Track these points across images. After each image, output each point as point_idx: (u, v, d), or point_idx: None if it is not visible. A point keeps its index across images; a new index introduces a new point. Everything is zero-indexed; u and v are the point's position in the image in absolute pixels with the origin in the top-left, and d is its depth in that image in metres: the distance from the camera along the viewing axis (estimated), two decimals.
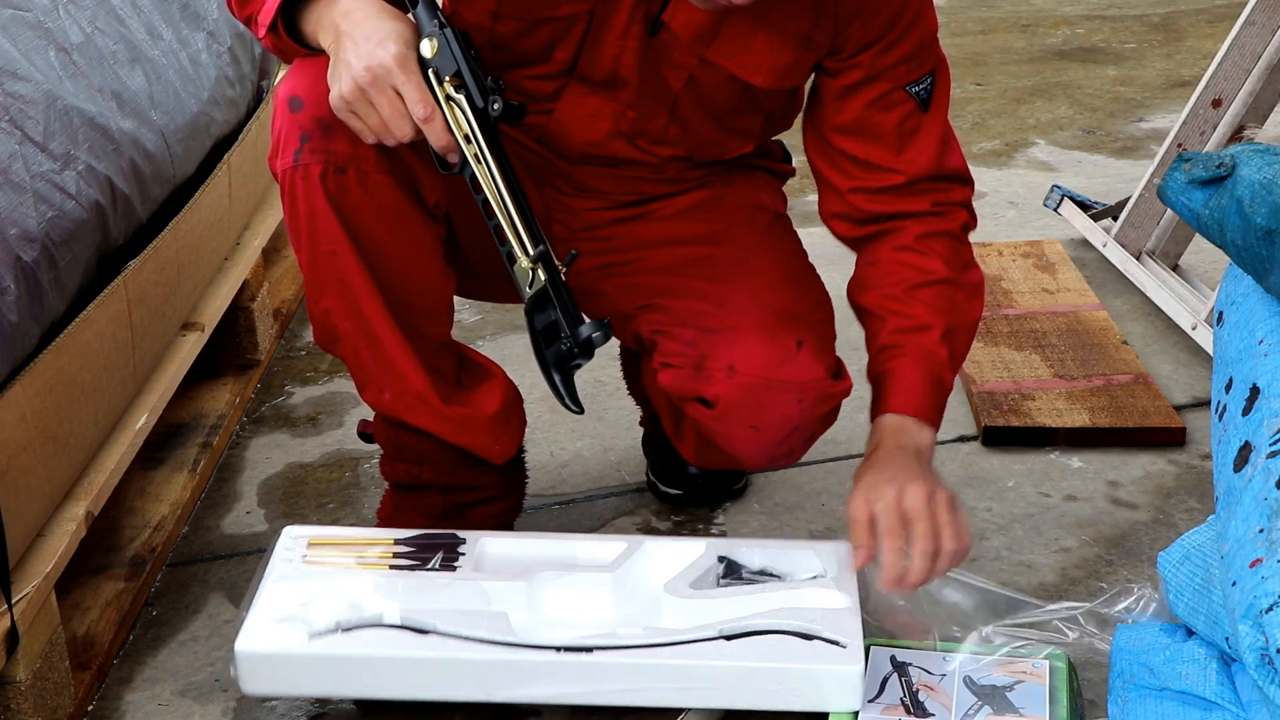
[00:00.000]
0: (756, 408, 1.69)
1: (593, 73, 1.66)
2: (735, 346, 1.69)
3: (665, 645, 1.54)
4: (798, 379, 1.69)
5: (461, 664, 1.52)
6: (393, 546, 1.69)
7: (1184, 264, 2.79)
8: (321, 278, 1.64)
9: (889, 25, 1.62)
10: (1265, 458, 1.34)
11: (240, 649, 1.52)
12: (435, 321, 1.73)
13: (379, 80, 1.47)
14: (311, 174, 1.58)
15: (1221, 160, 1.58)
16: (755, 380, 1.68)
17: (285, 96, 1.59)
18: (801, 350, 1.69)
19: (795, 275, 1.78)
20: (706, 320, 1.72)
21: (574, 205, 1.81)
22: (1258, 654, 1.21)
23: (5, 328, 1.55)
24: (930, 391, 1.67)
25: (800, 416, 1.70)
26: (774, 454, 1.75)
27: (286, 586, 1.60)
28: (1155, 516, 1.98)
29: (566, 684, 1.53)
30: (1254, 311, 1.54)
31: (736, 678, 1.52)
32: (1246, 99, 2.62)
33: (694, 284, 1.76)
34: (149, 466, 2.09)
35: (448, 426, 1.75)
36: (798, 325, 1.71)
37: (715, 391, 1.70)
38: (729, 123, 1.73)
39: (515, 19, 1.62)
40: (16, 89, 1.71)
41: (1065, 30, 4.84)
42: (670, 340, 1.75)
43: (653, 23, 1.61)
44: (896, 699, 1.53)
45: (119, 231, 1.89)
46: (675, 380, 1.74)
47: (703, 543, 1.71)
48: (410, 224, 1.64)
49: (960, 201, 1.73)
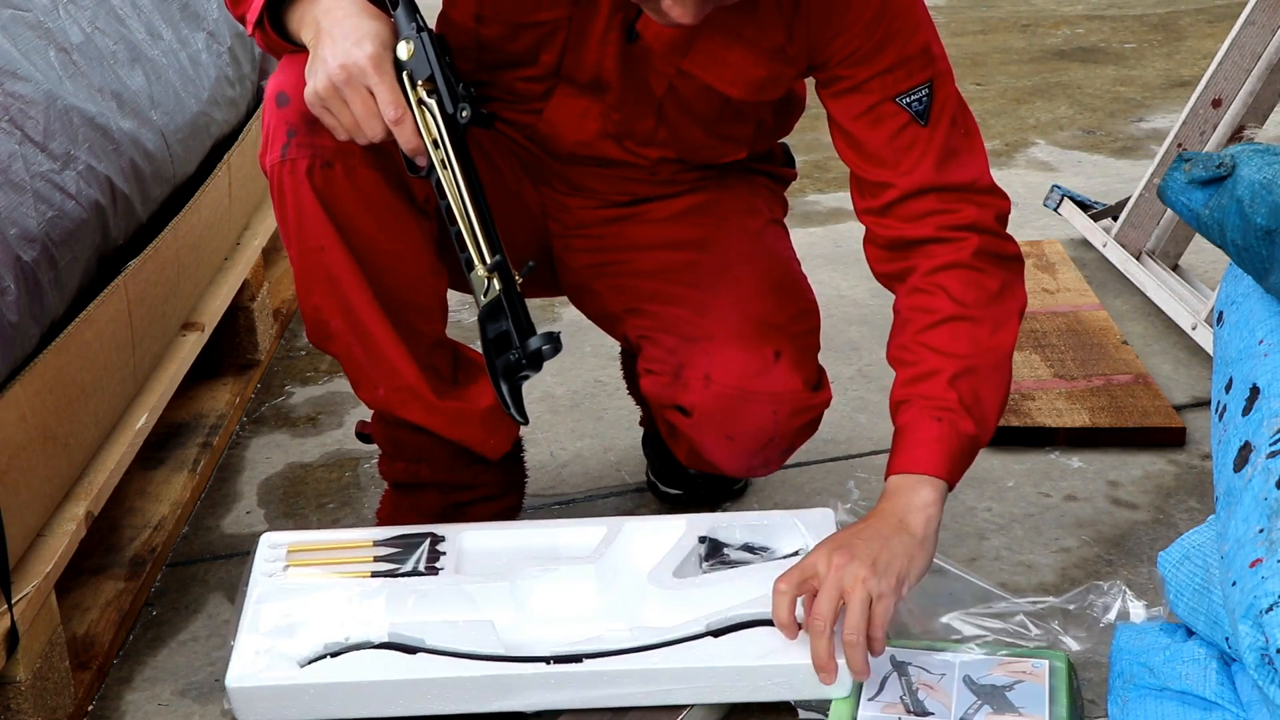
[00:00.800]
0: (731, 418, 1.69)
1: (578, 75, 1.66)
2: (712, 356, 1.69)
3: (654, 647, 1.55)
4: (773, 390, 1.68)
5: (452, 682, 1.53)
6: (373, 549, 1.69)
7: (1184, 264, 2.79)
8: (310, 274, 1.64)
9: (865, 36, 1.59)
10: (1265, 458, 1.34)
11: (232, 684, 1.52)
12: (429, 318, 1.72)
13: (352, 79, 1.46)
14: (298, 169, 1.58)
15: (1221, 160, 1.58)
16: (730, 390, 1.68)
17: (273, 92, 1.59)
18: (779, 361, 1.68)
19: (780, 284, 1.77)
20: (687, 328, 1.72)
21: (568, 203, 1.81)
22: (1258, 654, 1.21)
23: (5, 328, 1.55)
24: (934, 444, 1.58)
25: (776, 428, 1.70)
26: (750, 464, 1.75)
27: (271, 606, 1.60)
28: (1155, 516, 1.98)
29: (558, 692, 1.53)
30: (1254, 311, 1.54)
31: (726, 676, 1.53)
32: (1246, 99, 2.62)
33: (678, 290, 1.75)
34: (149, 466, 2.09)
35: (441, 420, 1.75)
36: (777, 336, 1.70)
37: (691, 400, 1.70)
38: (718, 129, 1.73)
39: (497, 22, 1.62)
40: (16, 89, 1.71)
41: (1065, 30, 4.84)
42: (653, 346, 1.76)
43: (629, 30, 1.61)
44: (896, 697, 1.53)
45: (119, 231, 1.89)
46: (655, 387, 1.74)
47: (683, 521, 1.71)
48: (400, 219, 1.64)
49: (968, 224, 1.62)
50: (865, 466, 2.09)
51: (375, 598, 1.61)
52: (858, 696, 1.53)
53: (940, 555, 1.61)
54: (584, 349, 2.51)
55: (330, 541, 1.73)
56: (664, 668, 1.53)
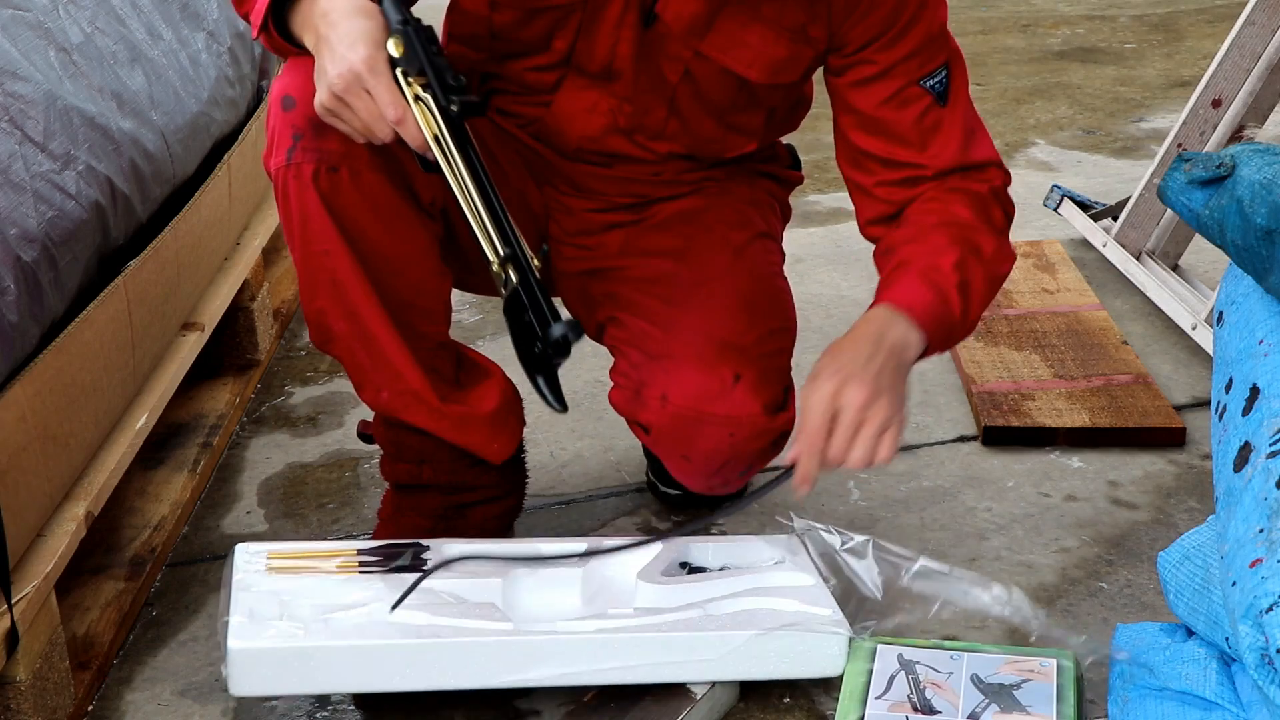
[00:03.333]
0: (686, 439, 1.69)
1: (588, 64, 1.66)
2: (671, 375, 1.68)
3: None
4: (730, 414, 1.67)
5: (462, 649, 1.51)
6: (356, 557, 1.68)
7: (1184, 264, 2.79)
8: (315, 277, 1.64)
9: (890, 20, 1.62)
10: (1265, 458, 1.34)
11: (234, 647, 1.48)
12: (432, 320, 1.72)
13: (351, 86, 1.45)
14: (304, 173, 1.58)
15: (1221, 160, 1.58)
16: (686, 412, 1.67)
17: (278, 95, 1.59)
18: (738, 384, 1.67)
19: (751, 302, 1.75)
20: (651, 344, 1.72)
21: (572, 205, 1.81)
22: (1258, 654, 1.21)
23: (5, 328, 1.55)
24: (931, 295, 1.59)
25: (732, 450, 1.69)
26: (709, 484, 1.75)
27: (259, 592, 1.57)
28: (1155, 516, 1.98)
29: (568, 664, 1.53)
30: (1254, 311, 1.54)
31: (739, 646, 1.55)
32: (1246, 99, 2.62)
33: (649, 303, 1.75)
34: (149, 466, 2.09)
35: (445, 424, 1.74)
36: (738, 358, 1.69)
37: (649, 419, 1.70)
38: (729, 119, 1.73)
39: (512, 8, 1.62)
40: (16, 89, 1.71)
41: (1065, 30, 4.84)
42: (622, 358, 1.76)
43: (647, 14, 1.61)
44: (904, 695, 1.53)
45: (119, 231, 1.89)
46: (620, 400, 1.76)
47: (658, 544, 1.72)
48: (404, 222, 1.64)
49: (987, 192, 1.68)
50: None
51: (371, 585, 1.59)
52: (865, 694, 1.54)
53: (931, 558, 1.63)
54: (584, 349, 2.50)
55: (311, 550, 1.70)
56: (674, 635, 1.55)
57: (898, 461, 2.13)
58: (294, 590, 1.58)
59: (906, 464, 2.13)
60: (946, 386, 2.37)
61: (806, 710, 1.61)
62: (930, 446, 2.19)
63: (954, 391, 2.35)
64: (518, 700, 1.63)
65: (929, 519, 1.98)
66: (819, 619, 1.59)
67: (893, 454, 1.53)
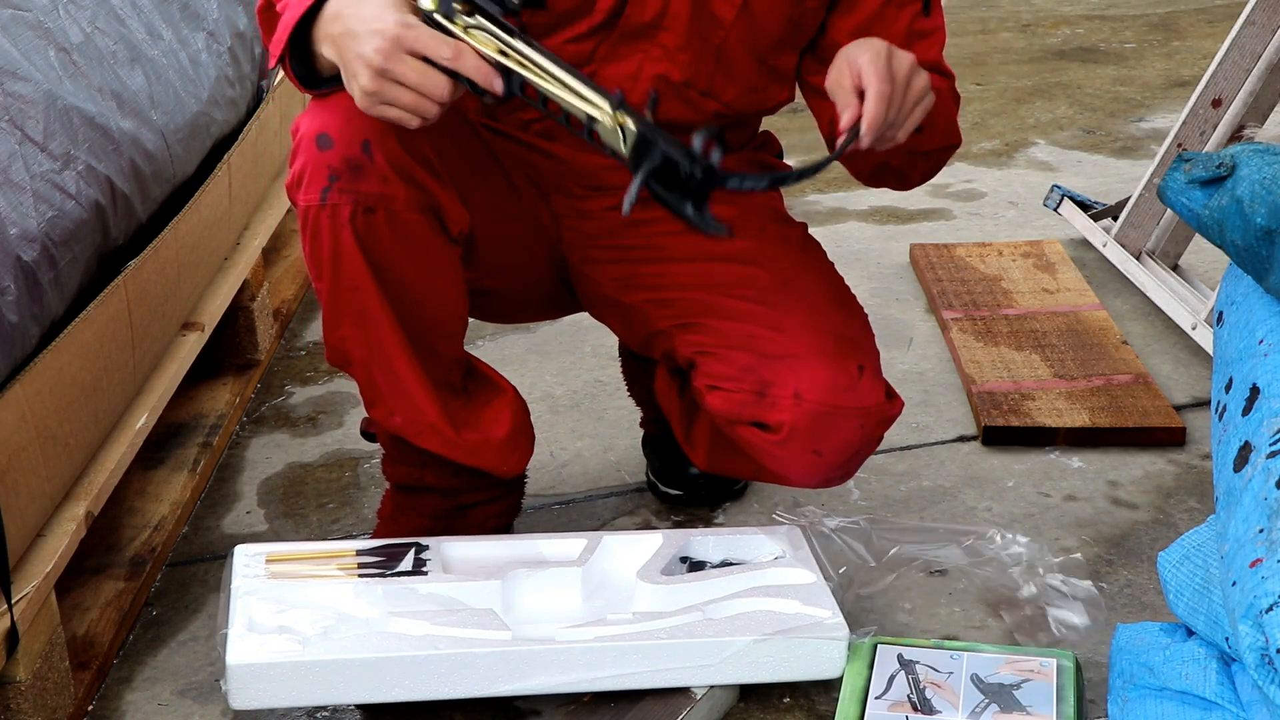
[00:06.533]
0: (821, 433, 1.69)
1: (641, 15, 1.64)
2: (800, 374, 1.68)
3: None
4: (861, 405, 1.68)
5: (461, 660, 1.52)
6: (356, 558, 1.68)
7: (1184, 264, 2.79)
8: (342, 310, 1.65)
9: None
10: (1265, 458, 1.34)
11: (233, 662, 1.49)
12: (451, 341, 1.74)
13: (392, 53, 1.41)
14: (340, 215, 1.58)
15: (1221, 160, 1.58)
16: (822, 407, 1.68)
17: (313, 132, 1.57)
18: (863, 375, 1.69)
19: (841, 299, 1.78)
20: (764, 345, 1.71)
21: (588, 208, 1.78)
22: (1258, 654, 1.21)
23: (5, 328, 1.55)
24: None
25: (862, 440, 1.71)
26: (830, 476, 1.75)
27: (259, 600, 1.58)
28: (1155, 516, 1.98)
29: (567, 672, 1.53)
30: (1254, 311, 1.54)
31: (737, 652, 1.55)
32: (1246, 99, 2.62)
33: (741, 306, 1.74)
34: (149, 466, 2.09)
35: (459, 452, 1.76)
36: (857, 350, 1.71)
37: (780, 418, 1.69)
38: (771, 60, 1.72)
39: None
40: (16, 89, 1.71)
41: (1065, 30, 4.84)
42: (719, 363, 1.73)
43: None
44: (903, 695, 1.54)
45: (119, 231, 1.89)
46: (729, 404, 1.72)
47: (659, 535, 1.74)
48: (435, 256, 1.65)
49: (952, 82, 1.72)
50: (865, 466, 2.09)
51: (371, 590, 1.60)
52: (865, 694, 1.54)
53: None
54: (584, 349, 2.51)
55: (310, 551, 1.71)
56: (673, 642, 1.55)
57: (898, 461, 2.13)
58: (293, 600, 1.59)
59: (906, 464, 2.13)
60: (946, 386, 2.37)
61: (806, 710, 1.62)
62: (930, 446, 2.19)
63: (954, 391, 2.35)
64: (517, 700, 1.63)
65: (929, 519, 1.99)
66: (818, 622, 1.59)
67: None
